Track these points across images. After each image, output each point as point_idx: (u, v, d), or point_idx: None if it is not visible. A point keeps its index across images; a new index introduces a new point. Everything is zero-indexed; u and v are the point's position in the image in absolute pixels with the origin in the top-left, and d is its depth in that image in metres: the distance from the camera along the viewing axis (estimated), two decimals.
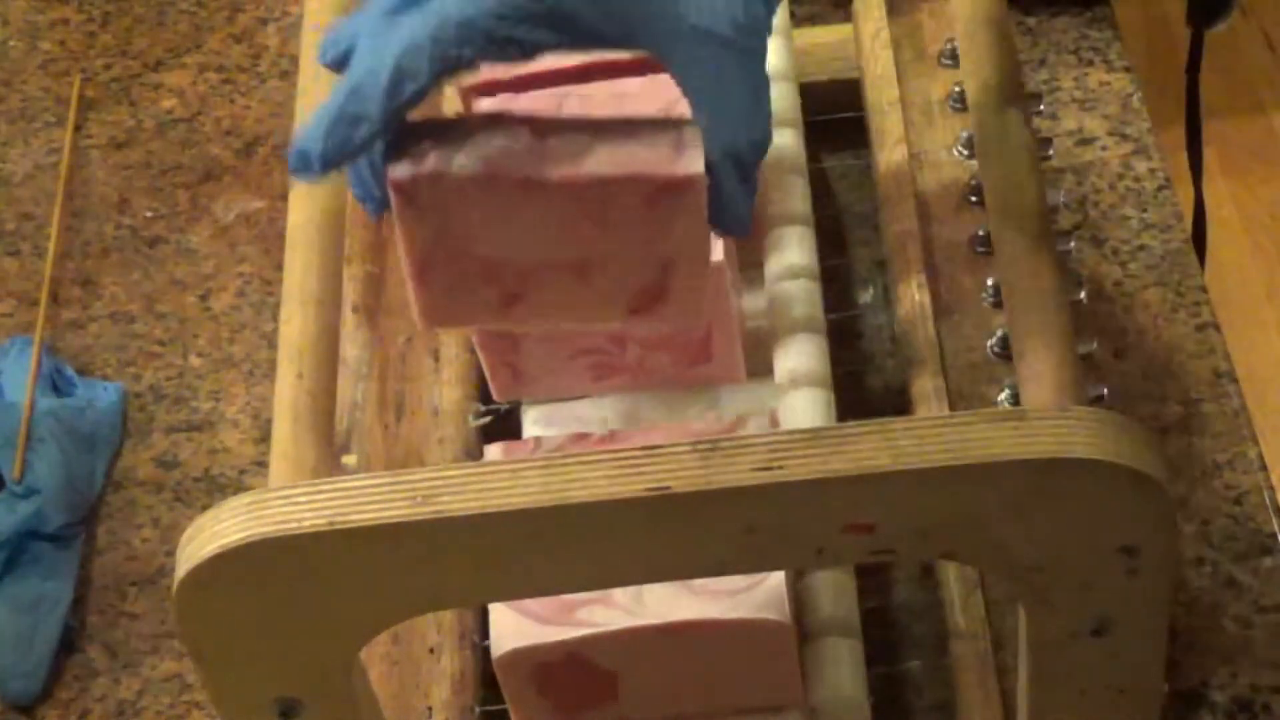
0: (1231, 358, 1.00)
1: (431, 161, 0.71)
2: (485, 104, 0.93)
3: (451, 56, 0.69)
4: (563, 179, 0.71)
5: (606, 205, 0.71)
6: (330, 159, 0.70)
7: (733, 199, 0.72)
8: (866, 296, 1.01)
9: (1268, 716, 0.89)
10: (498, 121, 0.72)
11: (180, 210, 1.14)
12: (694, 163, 0.70)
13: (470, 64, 0.69)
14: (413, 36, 0.69)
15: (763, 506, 0.63)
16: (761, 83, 0.72)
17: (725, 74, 0.71)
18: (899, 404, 0.95)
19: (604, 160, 0.71)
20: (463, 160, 0.71)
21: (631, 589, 0.79)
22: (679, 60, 0.71)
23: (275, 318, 1.05)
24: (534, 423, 0.92)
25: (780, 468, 0.63)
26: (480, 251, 0.73)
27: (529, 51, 0.70)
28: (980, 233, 0.98)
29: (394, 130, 0.71)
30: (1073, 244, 1.00)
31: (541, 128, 0.72)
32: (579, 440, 0.83)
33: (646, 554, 0.65)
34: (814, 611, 0.84)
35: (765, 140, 0.72)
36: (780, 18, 1.01)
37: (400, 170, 0.71)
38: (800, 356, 0.91)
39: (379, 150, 0.72)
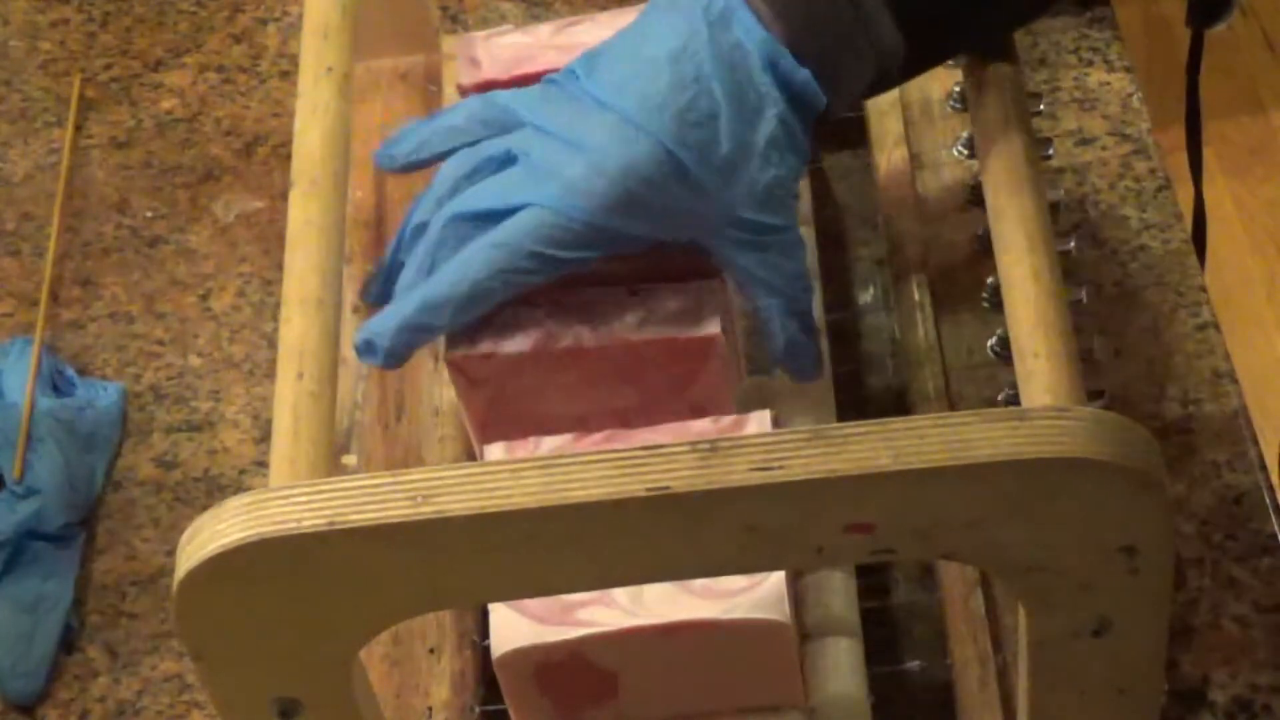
0: (1231, 358, 1.00)
1: (485, 344, 0.80)
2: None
3: (520, 283, 0.78)
4: (599, 346, 0.80)
5: (639, 365, 0.81)
6: (396, 357, 0.80)
7: (799, 347, 0.81)
8: (866, 296, 1.01)
9: (1268, 716, 0.89)
10: (537, 299, 0.80)
11: (180, 210, 1.14)
12: (713, 325, 0.80)
13: (535, 284, 0.78)
14: (488, 264, 0.77)
15: (763, 506, 0.63)
16: (801, 253, 0.81)
17: (769, 259, 0.79)
18: (899, 404, 0.95)
19: (633, 326, 0.80)
20: (511, 338, 0.80)
21: (631, 589, 0.79)
22: (726, 250, 0.79)
23: (275, 318, 1.05)
24: None
25: (780, 468, 0.63)
26: (532, 410, 0.82)
27: (588, 267, 0.78)
28: (980, 233, 0.98)
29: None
30: (1073, 244, 1.00)
31: (575, 299, 0.81)
32: (580, 440, 0.83)
33: (646, 554, 0.65)
34: (814, 611, 0.84)
35: (810, 302, 0.82)
36: None
37: (456, 352, 0.80)
38: None
39: None
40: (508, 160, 0.79)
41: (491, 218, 0.78)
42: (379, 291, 0.82)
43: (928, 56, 0.81)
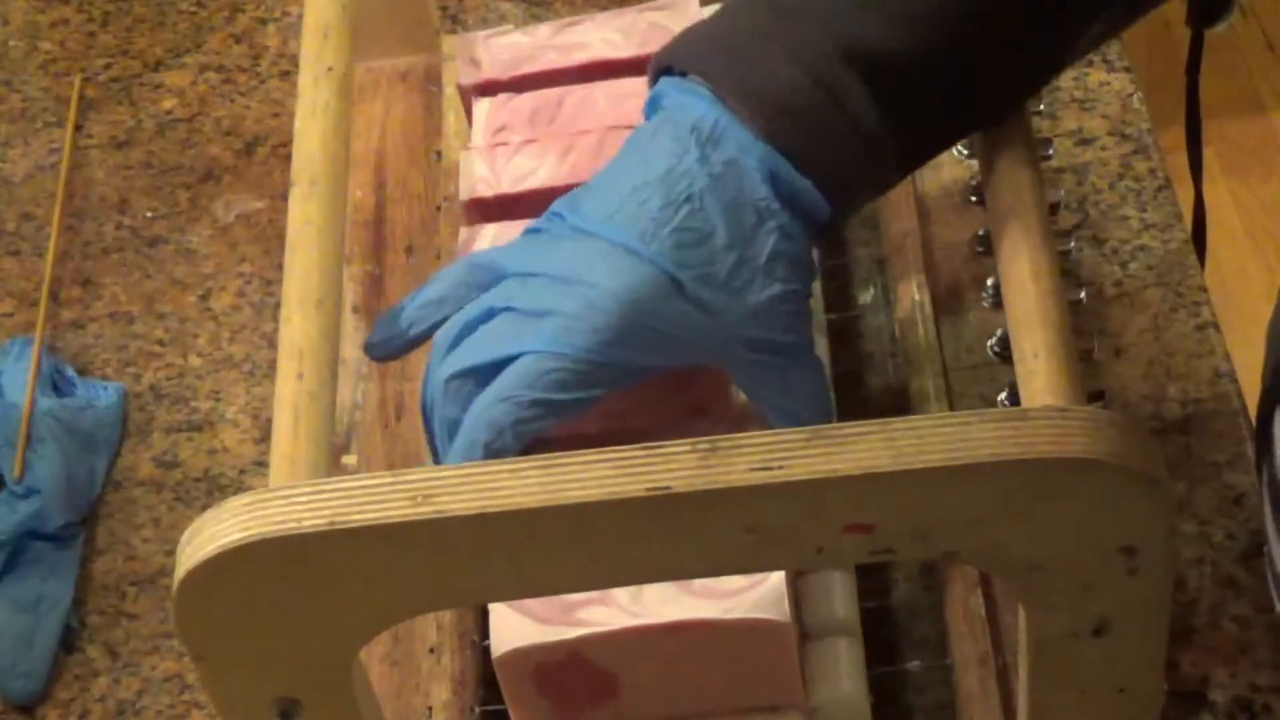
0: (1231, 358, 1.00)
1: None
2: (484, 104, 0.93)
3: (532, 428, 0.74)
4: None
5: None
6: None
7: None
8: (866, 296, 1.01)
9: (1268, 716, 0.89)
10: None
11: (180, 210, 1.14)
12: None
13: (549, 428, 0.75)
14: (493, 425, 0.74)
15: (763, 506, 0.63)
16: (817, 368, 0.78)
17: (787, 379, 0.77)
18: (899, 404, 0.94)
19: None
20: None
21: (631, 588, 0.79)
22: (739, 373, 0.77)
23: (275, 318, 1.05)
24: None
25: (780, 468, 0.63)
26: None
27: (598, 402, 0.75)
28: (980, 233, 0.98)
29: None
30: (1073, 244, 1.00)
31: None
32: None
33: (646, 554, 0.65)
34: (814, 611, 0.84)
35: (830, 417, 0.78)
36: None
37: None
38: None
39: None
40: (493, 315, 0.77)
41: (489, 370, 0.75)
42: None
43: (929, 140, 0.79)
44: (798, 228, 0.75)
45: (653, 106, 0.78)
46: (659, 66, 0.78)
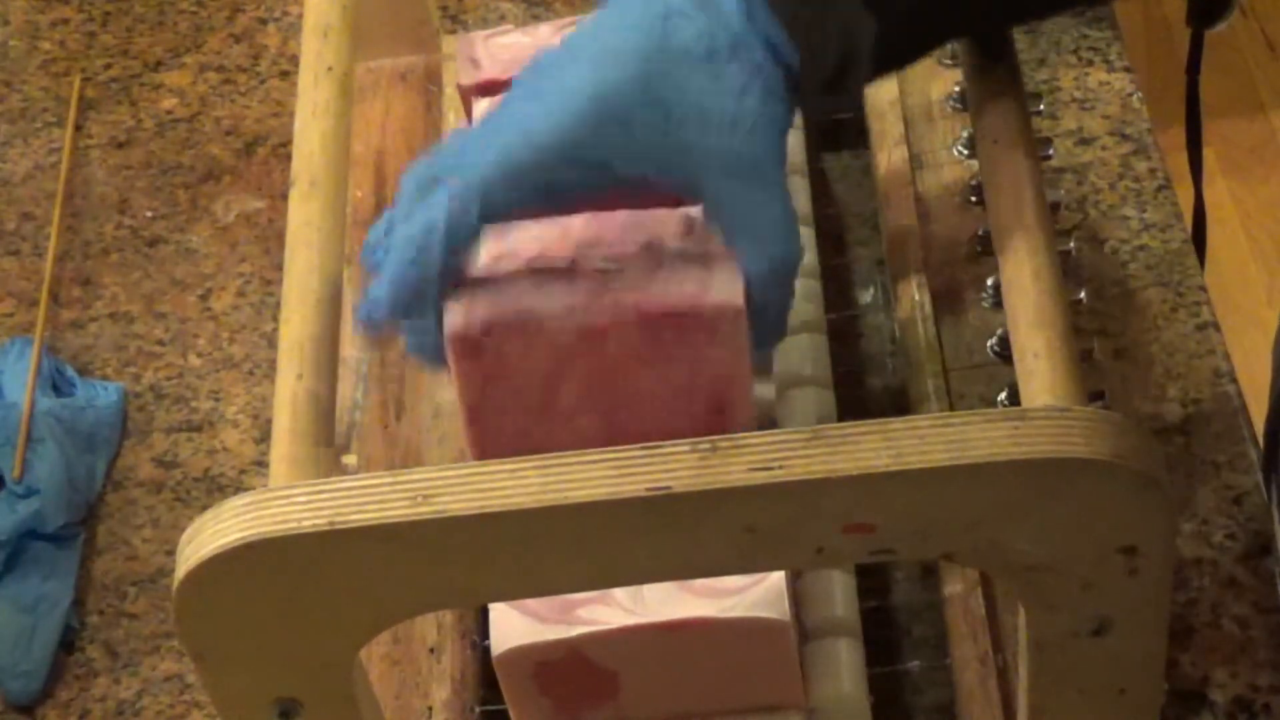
0: (1231, 358, 1.00)
1: (483, 311, 0.74)
2: (484, 104, 0.93)
3: (499, 202, 0.72)
4: (611, 321, 0.73)
5: (646, 341, 0.74)
6: (398, 303, 0.73)
7: (767, 312, 0.74)
8: (866, 296, 1.01)
9: (1268, 716, 0.89)
10: (543, 271, 0.74)
11: (180, 210, 1.14)
12: (734, 294, 0.73)
13: (514, 212, 0.73)
14: (464, 189, 0.72)
15: (763, 506, 0.63)
16: (789, 202, 0.75)
17: (755, 198, 0.74)
18: (899, 404, 0.95)
19: (647, 299, 0.73)
20: (515, 310, 0.74)
21: (631, 587, 0.79)
22: (710, 192, 0.74)
23: (275, 318, 1.05)
24: None
25: (780, 468, 0.63)
26: (535, 399, 0.76)
27: (568, 197, 0.73)
28: (980, 233, 0.98)
29: (449, 284, 0.74)
30: (1073, 244, 1.00)
31: (586, 273, 0.74)
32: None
33: (646, 554, 0.65)
34: (814, 611, 0.84)
35: (798, 255, 0.75)
36: None
37: (456, 322, 0.74)
38: (800, 356, 0.91)
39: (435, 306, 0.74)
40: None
41: (453, 168, 0.74)
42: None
43: (913, 40, 0.78)
44: (771, 67, 0.75)
45: None
46: None
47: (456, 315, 0.74)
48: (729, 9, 0.74)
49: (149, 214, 1.15)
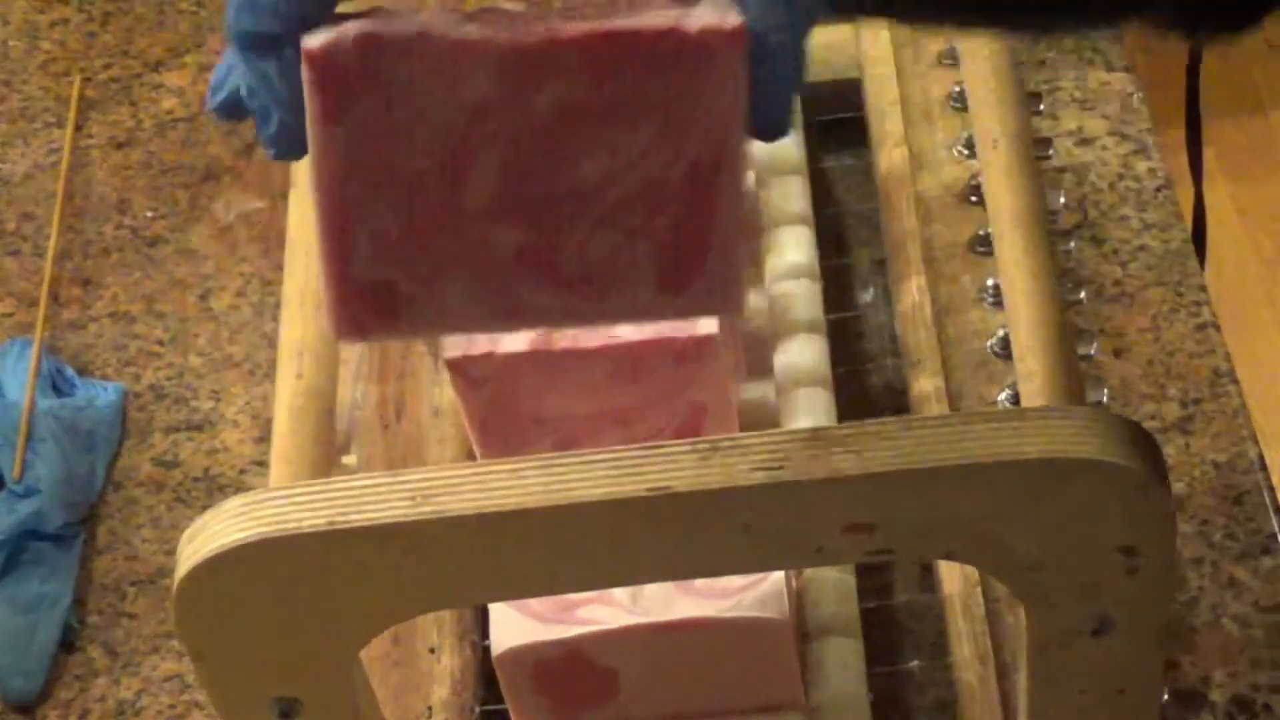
0: (1231, 358, 1.00)
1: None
2: None
3: None
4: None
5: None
6: (243, 29, 0.63)
7: (769, 51, 0.60)
8: (866, 296, 1.01)
9: (1268, 716, 0.89)
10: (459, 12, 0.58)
11: (180, 210, 1.14)
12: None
13: None
14: None
15: (763, 506, 0.63)
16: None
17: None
18: (899, 404, 0.94)
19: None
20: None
21: (631, 587, 0.79)
22: None
23: (275, 318, 1.05)
24: None
25: (780, 468, 0.63)
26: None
27: None
28: (980, 233, 0.98)
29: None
30: (1073, 244, 1.00)
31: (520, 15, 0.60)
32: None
33: (646, 554, 0.65)
34: (814, 611, 0.84)
35: (814, 10, 0.60)
36: None
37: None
38: (800, 356, 0.91)
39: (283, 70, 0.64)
40: None
41: None
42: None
43: None
44: None
45: None
46: None
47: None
48: None
49: (149, 214, 1.15)
